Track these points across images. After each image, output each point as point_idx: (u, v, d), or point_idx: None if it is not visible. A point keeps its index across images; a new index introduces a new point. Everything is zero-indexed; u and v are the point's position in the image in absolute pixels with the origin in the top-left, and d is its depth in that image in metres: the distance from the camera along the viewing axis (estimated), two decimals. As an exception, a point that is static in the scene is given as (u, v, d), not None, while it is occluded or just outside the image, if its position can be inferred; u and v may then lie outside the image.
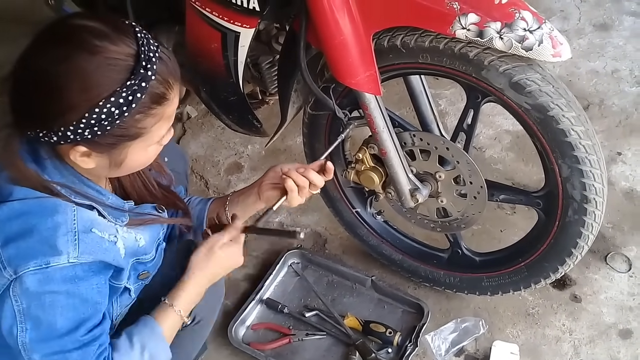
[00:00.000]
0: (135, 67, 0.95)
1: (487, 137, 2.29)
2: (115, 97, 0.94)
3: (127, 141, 1.01)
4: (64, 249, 0.98)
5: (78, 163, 1.02)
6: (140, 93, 0.95)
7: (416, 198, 1.53)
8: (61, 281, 0.99)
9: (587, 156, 1.32)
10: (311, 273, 1.92)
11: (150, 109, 0.98)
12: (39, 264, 0.97)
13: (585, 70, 2.53)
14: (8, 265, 0.97)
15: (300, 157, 2.28)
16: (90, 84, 0.93)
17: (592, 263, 1.86)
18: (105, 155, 1.02)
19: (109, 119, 0.95)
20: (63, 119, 0.94)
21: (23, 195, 0.99)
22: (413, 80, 1.58)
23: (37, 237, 0.97)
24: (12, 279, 0.97)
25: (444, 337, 1.70)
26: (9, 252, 0.97)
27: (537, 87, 1.28)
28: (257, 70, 1.80)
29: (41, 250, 0.97)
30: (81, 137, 0.96)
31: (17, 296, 0.98)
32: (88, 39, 0.94)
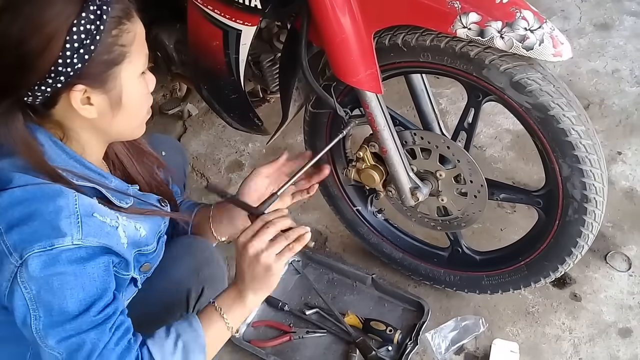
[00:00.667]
0: None
1: (488, 136, 2.29)
2: (85, 12, 0.96)
3: (115, 64, 1.02)
4: (68, 230, 0.98)
5: (82, 114, 1.01)
6: (105, 5, 0.98)
7: (417, 196, 1.54)
8: (67, 262, 0.98)
9: (587, 155, 1.33)
10: (312, 271, 1.92)
11: (121, 23, 1.01)
12: (43, 246, 0.96)
13: (586, 70, 2.54)
14: (14, 251, 0.97)
15: (301, 155, 2.29)
16: (58, 8, 0.95)
17: (592, 262, 1.87)
18: (103, 92, 1.02)
19: (88, 37, 0.97)
20: (47, 55, 0.95)
21: (24, 182, 0.99)
22: (414, 78, 1.58)
23: (40, 221, 0.97)
24: (18, 264, 0.97)
25: (444, 335, 1.70)
26: (13, 238, 0.97)
27: (537, 87, 1.29)
28: (258, 68, 1.80)
29: (45, 232, 0.97)
30: (72, 68, 0.97)
31: (25, 282, 0.97)
32: None
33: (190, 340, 1.08)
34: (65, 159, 1.05)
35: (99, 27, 0.98)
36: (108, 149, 1.17)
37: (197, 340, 1.09)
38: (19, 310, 0.99)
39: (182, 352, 1.07)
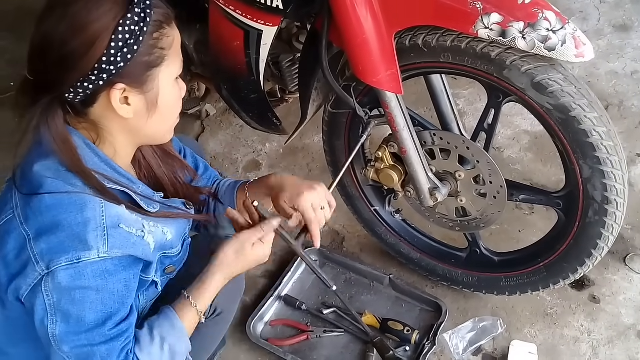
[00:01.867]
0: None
1: (506, 137, 2.28)
2: (131, 14, 0.99)
3: (155, 66, 1.04)
4: (94, 244, 1.00)
5: (120, 113, 1.03)
6: (149, 9, 1.01)
7: (435, 197, 1.54)
8: (92, 276, 1.01)
9: (608, 157, 1.32)
10: (329, 271, 1.93)
11: (162, 28, 1.04)
12: (70, 259, 0.99)
13: (605, 72, 2.52)
14: (41, 260, 0.99)
15: (317, 155, 2.30)
16: (104, 8, 0.98)
17: (611, 264, 1.86)
18: (141, 93, 1.04)
19: (132, 38, 0.99)
20: (93, 52, 0.97)
21: (54, 189, 1.01)
22: (434, 79, 1.58)
23: (67, 232, 0.99)
24: (44, 273, 1.00)
25: (462, 336, 1.70)
26: (40, 246, 0.99)
27: (559, 88, 1.29)
28: (277, 68, 1.81)
29: (72, 245, 0.99)
30: (115, 66, 0.99)
31: (49, 291, 1.00)
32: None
33: (176, 342, 1.13)
34: (97, 162, 1.07)
35: (142, 28, 1.00)
36: (136, 152, 1.19)
37: (182, 339, 1.14)
38: (38, 312, 1.02)
39: (169, 355, 1.12)
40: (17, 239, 1.01)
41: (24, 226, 1.01)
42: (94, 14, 0.98)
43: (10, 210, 1.04)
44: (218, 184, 1.45)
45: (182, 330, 1.14)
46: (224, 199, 1.42)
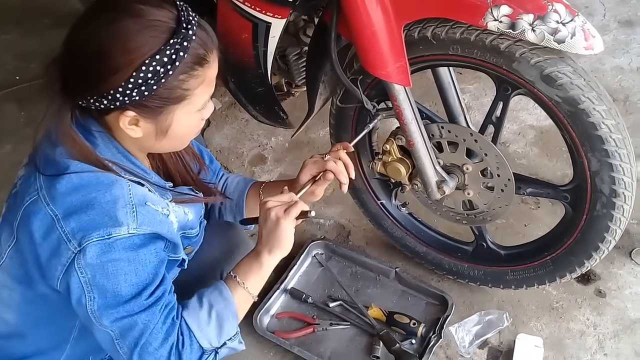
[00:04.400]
0: (177, 28, 1.00)
1: (511, 132, 2.28)
2: (160, 55, 0.98)
3: (172, 104, 1.04)
4: (124, 220, 1.02)
5: (127, 132, 1.05)
6: (183, 52, 1.00)
7: (443, 190, 1.54)
8: (122, 249, 1.02)
9: (617, 150, 1.32)
10: (335, 264, 1.93)
11: (193, 69, 1.03)
12: (101, 235, 1.01)
13: (610, 67, 2.52)
14: (72, 238, 1.01)
15: (323, 149, 2.30)
16: (136, 44, 0.97)
17: (616, 258, 1.86)
18: (152, 122, 1.05)
19: (155, 78, 0.99)
20: (112, 80, 0.98)
21: (80, 169, 1.03)
22: (441, 72, 1.58)
23: (97, 210, 1.01)
24: (76, 251, 1.01)
25: (468, 329, 1.71)
26: (71, 225, 1.01)
27: (568, 80, 1.29)
28: (284, 61, 1.81)
29: (103, 222, 1.01)
30: (129, 98, 1.00)
31: (82, 268, 1.02)
32: (134, 5, 1.00)
33: (223, 309, 1.13)
34: (115, 152, 1.08)
35: (167, 71, 1.00)
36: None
37: (229, 307, 1.14)
38: (75, 292, 1.03)
39: (216, 321, 1.12)
40: (43, 220, 1.02)
41: (51, 206, 1.02)
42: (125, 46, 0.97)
43: (34, 192, 1.05)
44: (226, 179, 1.46)
45: (230, 299, 1.15)
46: (232, 196, 1.44)
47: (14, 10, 3.20)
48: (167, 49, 0.98)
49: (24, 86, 2.77)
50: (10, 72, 2.85)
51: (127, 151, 1.10)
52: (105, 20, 0.99)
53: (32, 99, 2.69)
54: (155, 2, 1.01)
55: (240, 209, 1.43)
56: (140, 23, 0.98)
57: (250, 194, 1.44)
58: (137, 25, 0.98)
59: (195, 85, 1.05)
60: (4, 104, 2.69)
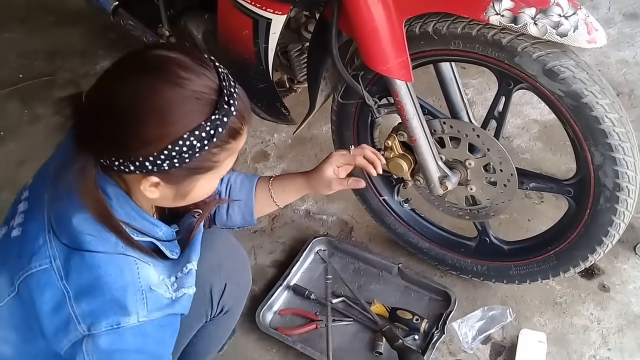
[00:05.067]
0: (218, 102, 0.95)
1: (515, 127, 2.27)
2: (199, 131, 0.93)
3: (199, 174, 1.01)
4: (134, 309, 1.00)
5: (145, 193, 1.01)
6: (222, 127, 0.95)
7: (445, 185, 1.54)
8: (131, 340, 1.01)
9: (620, 143, 1.31)
10: (337, 260, 1.93)
11: (227, 143, 0.98)
12: (110, 324, 0.99)
13: (615, 60, 2.50)
14: (82, 321, 0.99)
15: (325, 145, 2.30)
16: (176, 118, 0.92)
17: (621, 253, 1.85)
18: (173, 187, 1.02)
19: (189, 152, 0.94)
20: (145, 150, 0.94)
21: (93, 248, 0.99)
22: (443, 67, 1.57)
23: (108, 297, 0.98)
24: (84, 334, 0.99)
25: (471, 324, 1.70)
26: (81, 307, 0.99)
27: (571, 74, 1.28)
28: (285, 58, 1.81)
29: (112, 309, 0.99)
30: (158, 168, 0.95)
31: (89, 352, 1.00)
32: (175, 71, 0.93)
33: None
34: (128, 210, 1.04)
35: (203, 147, 0.95)
36: None
37: None
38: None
39: None
40: (55, 293, 0.99)
41: (64, 282, 0.99)
42: (164, 120, 0.92)
43: (46, 259, 1.00)
44: (228, 180, 1.43)
45: None
46: (239, 196, 1.42)
47: (17, 9, 3.20)
48: (207, 125, 0.94)
49: (27, 84, 2.78)
50: (14, 70, 2.85)
51: (139, 207, 1.07)
52: (145, 86, 0.92)
53: (36, 96, 2.70)
54: (198, 69, 0.95)
55: (249, 208, 1.41)
56: (183, 94, 0.92)
57: (258, 190, 1.42)
58: (179, 96, 0.92)
59: (224, 157, 1.01)
60: (8, 102, 2.69)
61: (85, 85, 2.75)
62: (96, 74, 2.81)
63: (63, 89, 2.73)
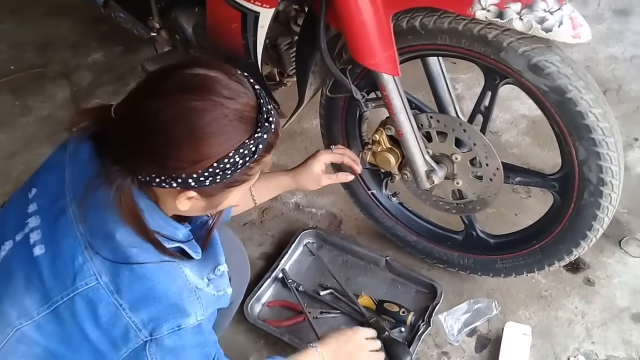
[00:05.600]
0: (259, 119, 0.97)
1: (504, 122, 2.29)
2: (243, 149, 0.96)
3: (234, 187, 1.03)
4: (192, 310, 1.04)
5: (177, 206, 1.02)
6: (262, 144, 0.97)
7: (432, 179, 1.55)
8: (192, 338, 1.06)
9: (604, 139, 1.33)
10: (326, 253, 1.94)
11: (263, 157, 1.01)
12: (171, 327, 1.02)
13: (604, 56, 2.52)
14: (143, 328, 1.01)
15: (316, 138, 2.30)
16: (223, 138, 0.94)
17: (606, 247, 1.87)
18: (206, 200, 1.03)
19: (232, 169, 0.97)
20: (190, 169, 0.95)
21: (142, 260, 1.01)
22: (431, 62, 1.58)
23: (166, 303, 1.01)
24: (146, 339, 1.02)
25: (457, 317, 1.72)
26: (140, 316, 1.01)
27: (555, 69, 1.29)
28: (275, 51, 1.81)
29: (172, 314, 1.02)
30: (200, 184, 0.97)
31: (152, 353, 1.03)
32: (219, 91, 0.95)
33: None
34: (157, 219, 1.05)
35: (245, 163, 0.97)
36: None
37: None
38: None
39: None
40: (107, 307, 1.01)
41: (115, 296, 1.00)
42: (210, 140, 0.93)
43: (92, 277, 1.01)
44: None
45: None
46: None
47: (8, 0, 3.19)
48: (251, 143, 0.96)
49: (18, 76, 2.77)
50: (5, 62, 2.84)
51: (167, 216, 1.08)
52: (189, 109, 0.93)
53: (27, 88, 2.70)
54: (239, 88, 0.97)
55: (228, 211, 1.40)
56: (228, 116, 0.94)
57: None
58: (225, 119, 0.93)
59: (257, 170, 1.03)
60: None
61: (77, 77, 2.75)
62: (87, 65, 2.81)
63: (54, 81, 2.72)
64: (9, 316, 1.07)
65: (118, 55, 2.85)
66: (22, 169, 2.25)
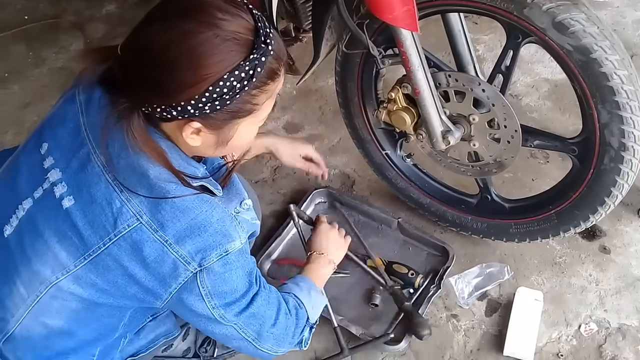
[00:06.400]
0: (255, 42, 0.96)
1: (525, 85, 2.23)
2: (238, 71, 0.94)
3: (239, 118, 1.02)
4: (235, 234, 1.06)
5: (187, 141, 1.03)
6: (261, 67, 0.96)
7: (448, 140, 1.51)
8: (238, 260, 1.09)
9: (628, 102, 1.28)
10: (337, 213, 1.93)
11: (265, 84, 0.99)
12: (219, 253, 1.05)
13: (632, 20, 2.43)
14: (192, 260, 1.04)
15: (331, 98, 2.27)
16: (216, 59, 0.93)
17: (624, 216, 1.83)
18: (214, 133, 1.03)
19: (230, 93, 0.96)
20: (187, 93, 0.95)
21: (180, 193, 1.02)
22: (452, 18, 1.53)
23: (211, 231, 1.03)
24: (196, 271, 1.05)
25: (468, 280, 1.71)
26: (187, 248, 1.03)
27: (581, 28, 1.24)
28: (291, 5, 1.76)
29: (217, 240, 1.04)
30: (200, 111, 0.96)
31: (203, 282, 1.06)
32: (213, 13, 0.94)
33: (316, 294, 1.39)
34: (178, 158, 1.06)
35: (243, 87, 0.96)
36: None
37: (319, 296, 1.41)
38: (194, 303, 1.09)
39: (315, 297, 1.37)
40: (153, 246, 1.02)
41: (160, 233, 1.02)
42: (203, 61, 0.93)
43: (133, 218, 1.02)
44: None
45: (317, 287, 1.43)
46: None
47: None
48: (246, 65, 0.95)
49: (32, 26, 2.75)
50: (19, 12, 2.82)
51: (186, 155, 1.08)
52: (183, 31, 0.93)
53: (41, 38, 2.68)
54: (233, 10, 0.96)
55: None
56: (221, 36, 0.93)
57: None
58: (218, 38, 0.93)
59: (264, 99, 1.02)
60: (12, 44, 2.67)
61: (90, 29, 2.72)
62: (101, 17, 2.77)
63: (68, 32, 2.70)
64: (42, 274, 1.08)
65: (132, 7, 2.80)
66: (35, 120, 2.25)
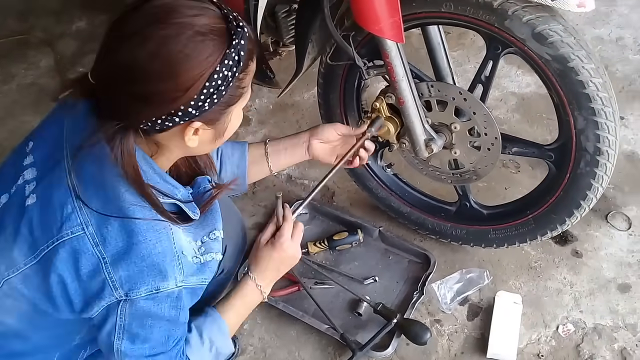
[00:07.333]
0: (230, 28, 0.96)
1: (493, 98, 2.31)
2: (227, 59, 0.95)
3: (232, 105, 1.02)
4: (172, 274, 1.02)
5: (187, 143, 1.02)
6: (243, 50, 0.97)
7: (431, 148, 1.56)
8: (168, 308, 1.05)
9: (603, 108, 1.35)
10: (319, 223, 1.95)
11: (248, 65, 1.00)
12: (149, 289, 1.01)
13: (591, 37, 2.56)
14: (120, 287, 1.00)
15: (307, 112, 2.30)
16: (204, 53, 0.93)
17: (593, 221, 1.91)
18: (212, 128, 1.03)
19: (224, 83, 0.96)
20: (185, 97, 0.94)
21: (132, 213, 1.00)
22: (431, 31, 1.59)
23: (147, 262, 1.00)
24: (121, 299, 1.01)
25: (450, 286, 1.75)
26: (119, 273, 1.00)
27: (559, 38, 1.30)
28: (272, 19, 1.80)
29: (151, 275, 1.01)
30: (200, 110, 0.96)
31: (123, 314, 1.03)
32: (183, 12, 0.93)
33: (222, 344, 1.21)
34: (152, 174, 1.04)
35: (234, 74, 0.97)
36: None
37: (226, 342, 1.22)
38: (106, 327, 1.05)
39: (215, 355, 1.21)
40: (90, 259, 1.00)
41: (99, 248, 1.00)
42: (193, 60, 0.92)
43: (77, 226, 1.00)
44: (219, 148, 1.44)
45: (226, 332, 1.22)
46: (231, 159, 1.44)
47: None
48: (232, 52, 0.95)
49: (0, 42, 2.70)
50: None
51: (163, 170, 1.08)
52: (163, 37, 0.92)
53: (8, 55, 2.63)
54: (199, 4, 0.95)
55: (242, 171, 1.44)
56: (200, 32, 0.93)
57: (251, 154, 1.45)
58: (198, 35, 0.92)
59: (248, 81, 1.03)
60: (-21, 60, 2.62)
61: (60, 46, 2.69)
62: (72, 34, 2.75)
63: (37, 49, 2.66)
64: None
65: (102, 24, 2.79)
66: (5, 137, 2.21)
